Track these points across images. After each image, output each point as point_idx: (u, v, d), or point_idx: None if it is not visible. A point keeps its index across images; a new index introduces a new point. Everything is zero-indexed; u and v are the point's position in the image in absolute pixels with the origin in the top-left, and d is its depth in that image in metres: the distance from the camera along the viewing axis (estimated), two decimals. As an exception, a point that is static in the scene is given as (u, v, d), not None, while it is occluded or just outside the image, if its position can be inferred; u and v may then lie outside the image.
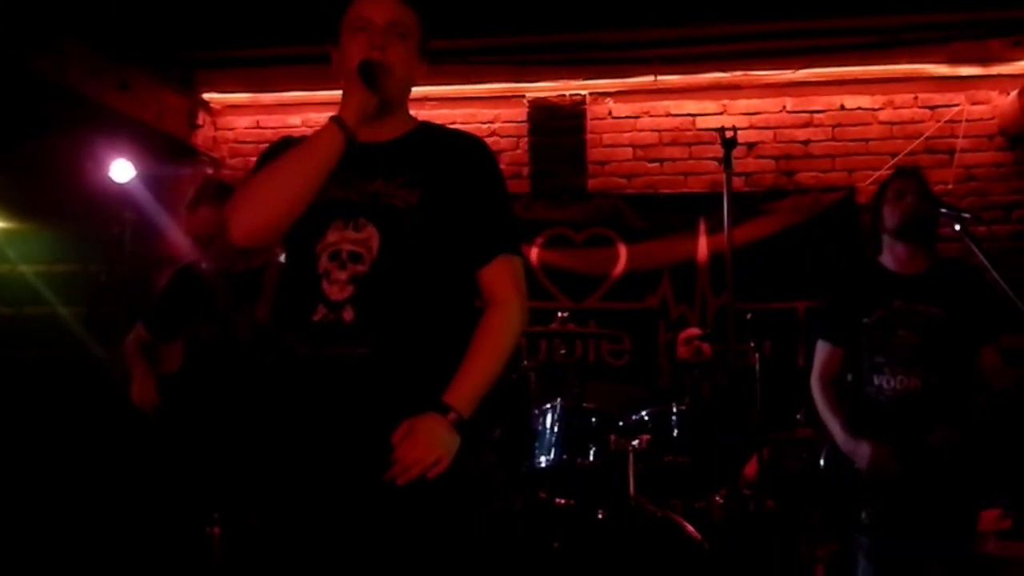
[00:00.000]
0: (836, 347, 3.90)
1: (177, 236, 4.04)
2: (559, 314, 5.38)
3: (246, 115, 7.22)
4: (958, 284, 3.79)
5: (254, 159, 7.47)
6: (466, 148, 2.49)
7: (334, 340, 2.27)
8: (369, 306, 2.27)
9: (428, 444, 2.19)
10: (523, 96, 6.88)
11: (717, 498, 4.85)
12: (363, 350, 2.25)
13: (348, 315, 2.27)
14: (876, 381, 3.74)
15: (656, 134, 6.89)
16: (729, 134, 3.58)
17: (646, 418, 4.75)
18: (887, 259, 3.88)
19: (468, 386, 2.30)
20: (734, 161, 3.70)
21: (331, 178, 2.33)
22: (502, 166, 2.60)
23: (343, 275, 2.29)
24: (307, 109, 7.10)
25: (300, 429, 2.32)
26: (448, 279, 2.38)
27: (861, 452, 3.65)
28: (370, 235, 2.31)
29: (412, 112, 2.59)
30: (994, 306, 3.80)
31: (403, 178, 2.36)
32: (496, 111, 6.90)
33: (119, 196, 4.57)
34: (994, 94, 6.54)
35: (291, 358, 2.34)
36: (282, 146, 2.46)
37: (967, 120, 6.55)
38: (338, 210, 2.34)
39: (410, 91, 2.53)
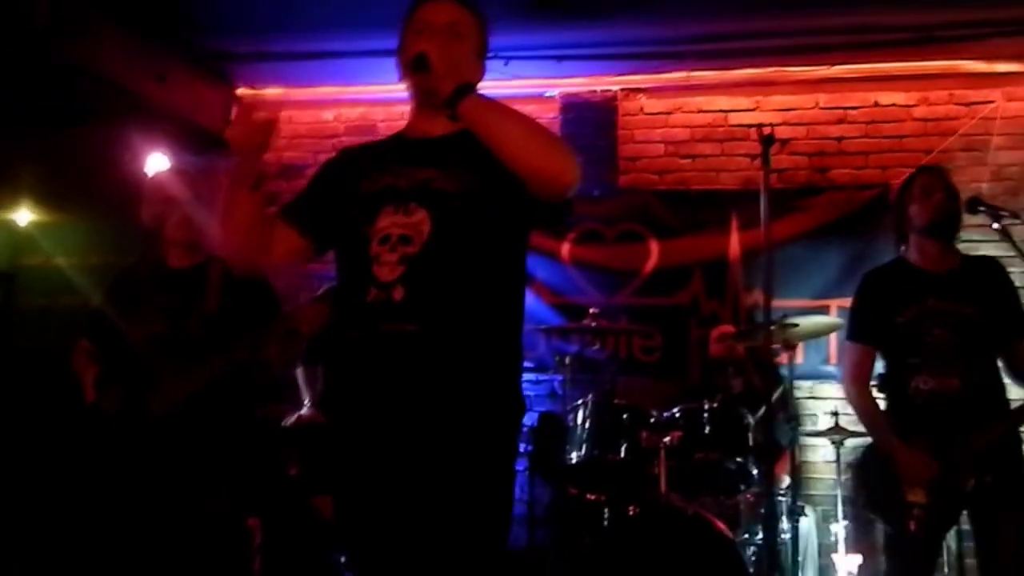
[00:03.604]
0: (868, 347, 3.87)
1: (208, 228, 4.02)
2: (590, 310, 5.38)
3: (279, 110, 7.23)
4: (987, 281, 3.77)
5: (287, 154, 7.55)
6: None
7: (384, 318, 2.33)
8: (418, 285, 2.33)
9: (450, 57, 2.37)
10: (555, 92, 6.88)
11: (748, 496, 4.84)
12: (412, 327, 2.31)
13: (398, 294, 2.33)
14: (913, 383, 3.70)
15: (688, 130, 6.86)
16: (767, 131, 3.56)
17: (677, 415, 4.74)
18: (915, 257, 3.85)
19: (491, 100, 2.41)
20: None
21: (384, 169, 2.47)
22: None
23: (393, 257, 2.35)
24: (340, 105, 7.15)
25: (353, 407, 2.40)
26: (496, 262, 2.45)
27: (912, 463, 3.60)
28: (421, 219, 2.37)
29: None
30: (1019, 302, 3.79)
31: (453, 166, 2.42)
32: (528, 107, 6.87)
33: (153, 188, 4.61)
34: (1031, 91, 6.48)
35: (345, 340, 2.42)
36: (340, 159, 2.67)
37: (1002, 117, 6.48)
38: (388, 197, 2.42)
39: None
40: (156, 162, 5.66)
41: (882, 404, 3.87)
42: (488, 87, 2.54)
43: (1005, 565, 3.54)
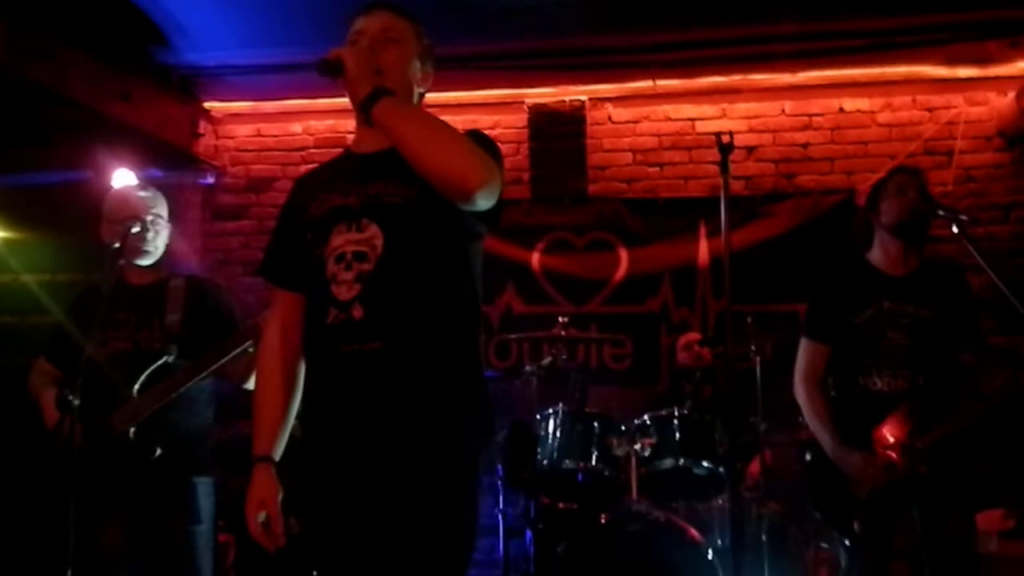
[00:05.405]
0: (822, 345, 3.89)
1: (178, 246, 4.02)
2: (560, 319, 5.39)
3: (247, 123, 7.23)
4: (944, 285, 3.79)
5: (255, 167, 7.53)
6: None
7: (346, 339, 2.33)
8: (376, 301, 2.33)
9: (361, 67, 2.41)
10: (523, 102, 6.90)
11: (719, 501, 4.86)
12: (375, 345, 2.31)
13: (357, 313, 2.32)
14: (863, 382, 3.74)
15: (656, 138, 6.90)
16: (726, 139, 3.55)
17: (648, 422, 4.76)
18: (877, 257, 3.87)
19: (404, 104, 2.45)
20: (732, 165, 3.69)
21: (332, 189, 2.47)
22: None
23: (349, 275, 2.35)
24: (308, 117, 7.14)
25: (322, 430, 2.42)
26: (450, 271, 2.44)
27: (851, 462, 3.65)
28: (374, 234, 2.37)
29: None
30: (976, 308, 3.83)
31: (398, 178, 2.40)
32: (497, 117, 6.91)
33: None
34: (992, 95, 6.55)
35: (309, 365, 2.46)
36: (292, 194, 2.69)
37: (965, 121, 6.56)
38: (340, 216, 2.42)
39: (411, 96, 2.60)
40: (122, 178, 5.65)
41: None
42: (456, 97, 2.55)
43: (952, 563, 3.60)
